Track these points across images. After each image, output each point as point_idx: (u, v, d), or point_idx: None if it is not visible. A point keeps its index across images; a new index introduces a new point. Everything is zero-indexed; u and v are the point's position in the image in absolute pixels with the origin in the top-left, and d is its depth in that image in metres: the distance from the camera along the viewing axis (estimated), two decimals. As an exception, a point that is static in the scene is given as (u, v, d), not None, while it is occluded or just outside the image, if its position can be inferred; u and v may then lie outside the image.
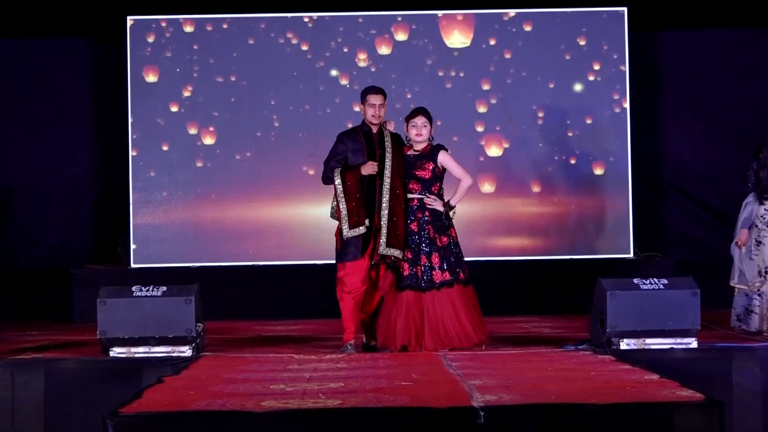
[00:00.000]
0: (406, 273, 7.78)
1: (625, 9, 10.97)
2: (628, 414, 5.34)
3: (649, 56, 11.35)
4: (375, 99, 7.91)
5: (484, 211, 10.82)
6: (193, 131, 10.99)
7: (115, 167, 11.19)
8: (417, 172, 7.86)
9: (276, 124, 10.97)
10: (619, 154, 10.98)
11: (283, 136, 10.96)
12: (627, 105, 10.96)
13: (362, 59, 10.97)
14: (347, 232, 7.77)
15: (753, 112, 10.98)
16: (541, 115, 11.01)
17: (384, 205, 7.81)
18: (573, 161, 11.01)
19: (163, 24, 10.97)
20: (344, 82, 10.95)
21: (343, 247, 7.86)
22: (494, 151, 10.94)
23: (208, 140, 10.97)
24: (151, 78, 10.96)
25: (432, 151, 7.90)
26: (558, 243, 11.01)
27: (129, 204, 10.91)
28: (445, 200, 7.89)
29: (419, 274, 7.76)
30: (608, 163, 11.01)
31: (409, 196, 7.86)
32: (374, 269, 7.83)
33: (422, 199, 7.83)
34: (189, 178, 10.97)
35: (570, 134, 11.02)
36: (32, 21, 11.14)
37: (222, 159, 10.97)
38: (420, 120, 7.88)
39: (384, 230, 7.78)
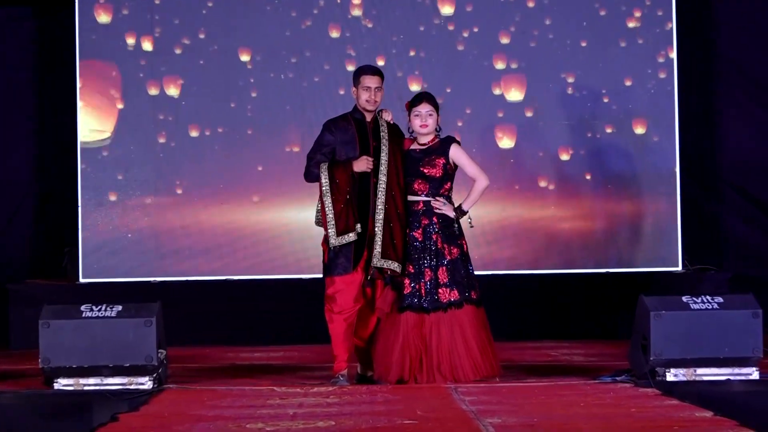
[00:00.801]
0: (406, 291, 7.79)
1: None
2: (677, 459, 5.37)
3: (702, 26, 11.33)
4: (370, 81, 7.87)
5: (493, 212, 10.77)
6: (154, 117, 10.97)
7: (61, 162, 11.18)
8: (425, 170, 7.87)
9: (250, 114, 10.97)
10: (664, 147, 10.98)
11: (261, 119, 10.95)
12: (674, 87, 10.95)
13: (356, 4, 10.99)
14: (334, 240, 7.75)
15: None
16: (569, 92, 10.98)
17: (379, 208, 7.80)
18: (606, 154, 11.00)
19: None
20: (335, 34, 10.94)
21: (332, 258, 7.83)
22: (506, 142, 10.93)
23: (172, 127, 10.96)
24: (105, 53, 10.95)
25: (442, 144, 7.92)
26: (588, 253, 11.01)
27: (77, 206, 10.91)
28: (455, 204, 7.90)
29: (422, 292, 7.77)
30: (650, 157, 11.00)
31: (412, 198, 7.87)
32: (370, 285, 7.83)
33: (429, 202, 7.83)
34: (149, 175, 10.96)
35: (602, 121, 11.01)
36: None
37: (189, 152, 10.96)
38: (425, 108, 7.89)
39: (379, 238, 7.78)
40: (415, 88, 10.70)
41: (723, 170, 11.38)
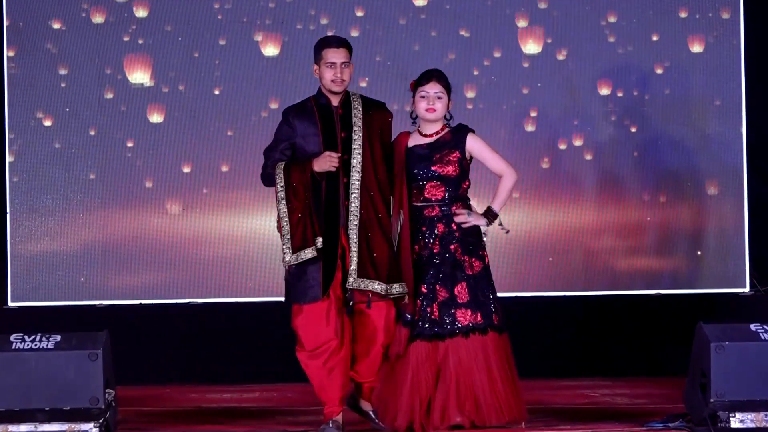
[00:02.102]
0: (417, 316, 7.62)
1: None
2: None
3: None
4: (335, 55, 7.66)
5: (519, 221, 10.80)
6: (102, 113, 11.01)
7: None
8: (437, 168, 7.69)
9: (216, 92, 11.01)
10: (729, 139, 11.02)
11: (228, 109, 11.01)
12: (742, 74, 10.99)
13: None
14: (288, 257, 7.54)
15: None
16: (609, 85, 11.03)
17: (353, 214, 7.59)
18: (655, 151, 11.03)
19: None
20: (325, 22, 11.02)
21: (295, 278, 7.64)
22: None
23: (122, 124, 11.01)
24: (37, 29, 11.00)
25: (454, 135, 7.77)
26: (636, 271, 11.04)
27: (5, 213, 10.94)
28: (475, 207, 7.84)
29: (435, 314, 7.61)
30: (712, 152, 11.04)
31: (423, 204, 7.73)
32: (348, 315, 7.64)
33: (448, 210, 7.71)
34: (91, 176, 10.97)
35: (651, 115, 11.06)
36: None
37: (144, 147, 10.99)
38: (434, 88, 7.73)
39: (354, 253, 7.56)
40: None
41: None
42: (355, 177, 7.55)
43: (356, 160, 7.58)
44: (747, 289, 10.92)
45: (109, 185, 10.99)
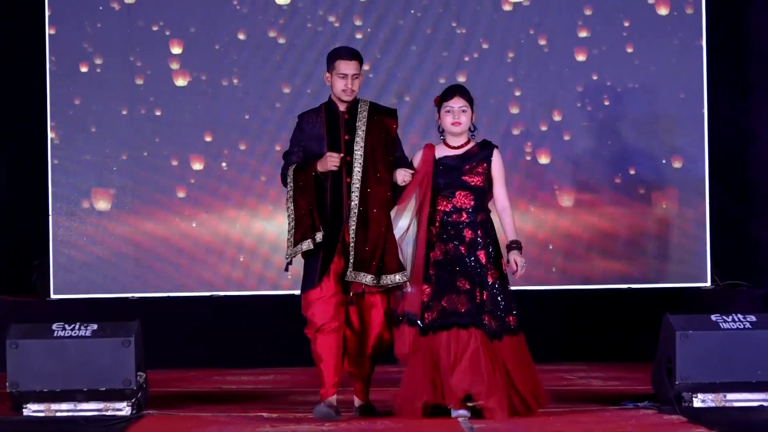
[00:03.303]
0: (462, 309, 7.23)
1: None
2: (705, 492, 5.39)
3: (734, 27, 11.35)
4: (347, 67, 7.43)
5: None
6: (131, 117, 11.01)
7: (29, 166, 11.20)
8: (467, 179, 7.40)
9: (244, 108, 11.00)
10: (693, 151, 11.01)
11: (252, 116, 10.99)
12: (704, 90, 10.98)
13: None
14: (291, 250, 7.36)
15: None
16: (583, 96, 11.03)
17: (353, 211, 7.38)
18: (628, 162, 11.03)
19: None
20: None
21: (305, 270, 7.50)
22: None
23: (150, 129, 11.00)
24: (76, 47, 10.98)
25: (482, 149, 7.47)
26: (608, 267, 11.04)
27: (48, 216, 10.94)
28: (511, 241, 7.46)
29: (465, 306, 7.23)
30: (677, 163, 11.03)
31: (452, 210, 7.40)
32: (354, 304, 7.44)
33: (475, 217, 7.39)
34: (127, 182, 10.98)
35: (623, 123, 11.05)
36: None
37: (168, 154, 10.99)
38: (458, 103, 7.42)
39: (352, 248, 7.36)
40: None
41: (757, 179, 11.40)
42: (356, 177, 7.36)
43: (357, 162, 7.39)
44: (708, 284, 10.92)
45: (139, 193, 10.99)
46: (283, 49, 11.05)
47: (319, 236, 7.30)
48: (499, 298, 7.33)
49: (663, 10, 10.98)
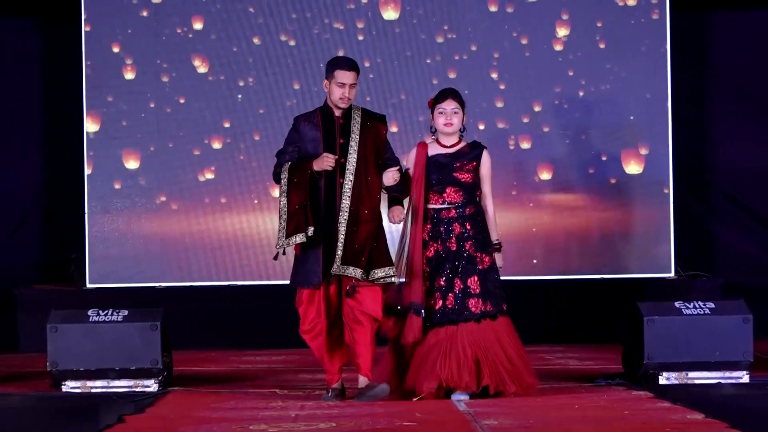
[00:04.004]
0: (437, 306, 7.16)
1: (665, -9, 11.00)
2: (669, 460, 5.39)
3: (695, 44, 11.35)
4: (344, 77, 7.19)
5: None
6: (159, 126, 11.00)
7: (67, 169, 11.19)
8: (458, 175, 7.26)
9: (258, 116, 10.98)
10: (658, 156, 10.98)
11: (265, 126, 10.97)
12: (668, 100, 10.96)
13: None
14: (282, 241, 7.10)
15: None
16: (564, 106, 11.01)
17: (343, 211, 7.11)
18: (601, 162, 11.01)
19: (128, 3, 10.99)
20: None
21: (299, 264, 7.23)
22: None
23: (175, 137, 10.99)
24: (111, 66, 10.97)
25: (472, 149, 7.33)
26: (584, 260, 11.02)
27: (84, 214, 10.93)
28: (494, 242, 7.35)
29: (452, 303, 7.16)
30: (644, 166, 11.01)
31: (442, 207, 7.28)
32: (349, 296, 7.15)
33: (460, 208, 7.25)
34: (153, 184, 10.97)
35: (597, 130, 11.03)
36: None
37: (192, 160, 10.98)
38: (450, 105, 7.26)
39: (341, 243, 7.10)
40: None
41: (715, 179, 11.41)
42: (348, 179, 7.13)
43: (351, 164, 7.15)
44: (672, 275, 10.90)
45: (164, 194, 10.98)
46: (293, 51, 11.04)
47: (311, 230, 7.05)
48: (488, 282, 7.18)
49: (632, 50, 10.98)
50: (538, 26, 10.99)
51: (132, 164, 10.95)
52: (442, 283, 7.18)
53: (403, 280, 7.25)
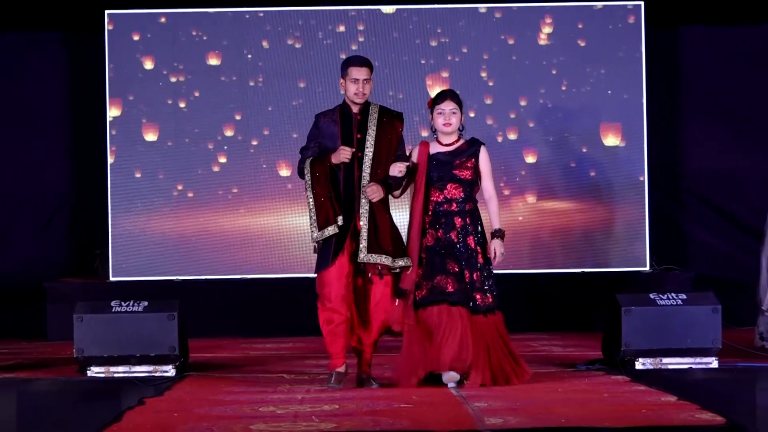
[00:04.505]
0: (450, 289, 6.96)
1: (641, 2, 10.97)
2: (644, 438, 5.40)
3: (669, 54, 11.36)
4: (358, 72, 7.05)
5: (484, 218, 10.72)
6: (176, 132, 11.01)
7: (92, 172, 11.19)
8: (458, 173, 7.08)
9: (265, 131, 10.99)
10: (635, 160, 11.00)
11: (274, 122, 10.98)
12: (644, 106, 10.97)
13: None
14: (316, 234, 6.96)
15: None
16: (549, 114, 11.03)
17: (363, 201, 6.96)
18: (583, 166, 11.02)
19: (145, 18, 10.99)
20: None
21: (319, 252, 7.08)
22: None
23: (191, 142, 11.00)
24: (132, 75, 10.98)
25: (470, 145, 7.16)
26: (567, 255, 11.02)
27: (107, 213, 10.94)
28: (497, 228, 7.15)
29: (463, 289, 6.97)
30: (622, 169, 11.02)
31: (439, 201, 7.08)
32: (371, 282, 7.01)
33: (461, 202, 7.08)
34: (170, 185, 10.97)
35: (579, 136, 11.03)
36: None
37: (205, 162, 10.98)
38: (448, 106, 7.10)
39: (364, 233, 6.94)
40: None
41: (687, 181, 11.41)
42: (366, 171, 6.97)
43: (368, 157, 6.99)
44: (647, 268, 10.91)
45: (181, 194, 10.98)
46: (299, 54, 11.04)
47: (340, 220, 6.92)
48: (486, 278, 7.05)
49: (611, 63, 11.00)
50: (524, 30, 11.03)
51: (150, 167, 10.96)
52: (456, 269, 6.97)
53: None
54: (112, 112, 10.93)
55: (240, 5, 11.05)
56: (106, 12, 10.94)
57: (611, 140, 10.98)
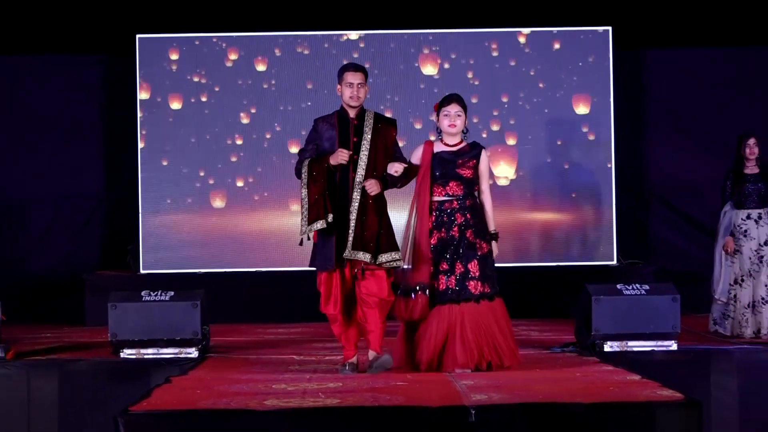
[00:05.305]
0: (441, 287, 6.74)
1: (609, 28, 11.00)
2: (612, 413, 5.40)
3: (634, 73, 11.38)
4: (353, 77, 6.74)
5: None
6: (196, 144, 11.02)
7: (125, 178, 11.20)
8: (460, 171, 6.81)
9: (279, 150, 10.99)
10: (604, 167, 11.02)
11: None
12: (612, 120, 10.98)
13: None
14: (304, 227, 6.65)
15: (737, 127, 10.97)
16: (530, 128, 11.03)
17: (354, 201, 6.65)
18: (559, 173, 11.03)
19: (172, 42, 11.00)
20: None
21: (319, 249, 6.75)
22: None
23: (210, 154, 11.01)
24: (159, 93, 10.98)
25: (472, 148, 6.88)
26: (545, 250, 11.04)
27: (138, 213, 10.94)
28: (492, 231, 6.94)
29: (453, 284, 6.74)
30: (593, 176, 11.04)
31: (445, 198, 6.82)
32: (360, 278, 6.69)
33: (462, 199, 6.80)
34: (194, 189, 10.99)
35: (556, 148, 11.04)
36: (45, 38, 11.17)
37: (223, 171, 10.99)
38: (454, 108, 6.80)
39: (351, 230, 6.62)
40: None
41: (650, 185, 11.44)
42: (360, 173, 6.66)
43: (362, 160, 6.67)
44: (615, 262, 10.92)
45: (203, 197, 10.99)
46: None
47: (330, 217, 6.60)
48: (486, 267, 6.79)
49: (582, 81, 10.99)
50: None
51: (175, 174, 10.97)
52: (445, 266, 6.73)
53: (408, 266, 6.81)
54: (143, 123, 10.93)
55: (255, 30, 11.07)
56: (138, 36, 10.95)
57: (583, 153, 11.01)
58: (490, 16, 11.05)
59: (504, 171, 10.97)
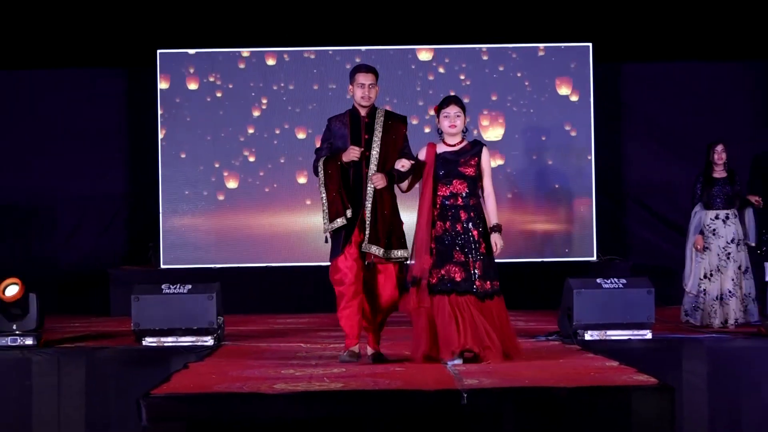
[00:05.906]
0: (458, 278, 6.42)
1: (590, 44, 11.00)
2: (592, 396, 5.40)
3: (613, 85, 11.38)
4: (364, 78, 6.51)
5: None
6: (215, 151, 11.02)
7: (146, 180, 11.20)
8: (462, 170, 6.52)
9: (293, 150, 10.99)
10: (585, 171, 11.02)
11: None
12: (591, 127, 10.99)
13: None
14: (327, 225, 6.46)
15: (708, 135, 10.98)
16: (516, 135, 11.03)
17: (369, 196, 6.45)
18: (544, 176, 11.03)
19: (190, 55, 10.99)
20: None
21: (332, 242, 6.57)
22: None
23: (226, 158, 11.01)
24: (179, 101, 10.98)
25: (473, 146, 6.59)
26: (530, 247, 11.04)
27: (159, 212, 10.94)
28: (495, 224, 6.57)
29: (465, 277, 6.42)
30: (575, 178, 11.04)
31: (450, 195, 6.54)
32: (367, 269, 6.51)
33: (466, 197, 6.51)
34: (211, 190, 10.99)
35: (541, 152, 11.05)
36: (70, 53, 11.16)
37: (239, 173, 10.99)
38: (453, 110, 6.52)
39: (368, 225, 6.42)
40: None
41: (627, 187, 11.45)
42: (372, 169, 6.44)
43: (374, 156, 6.45)
44: (594, 258, 10.93)
45: (219, 198, 10.98)
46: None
47: (349, 212, 6.42)
48: (489, 266, 6.50)
49: (565, 91, 10.98)
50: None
51: (194, 176, 10.97)
52: (461, 258, 6.42)
53: (412, 262, 6.52)
54: (163, 130, 10.93)
55: (265, 45, 11.06)
56: (159, 51, 10.95)
57: (565, 157, 11.00)
58: (480, 34, 11.05)
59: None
